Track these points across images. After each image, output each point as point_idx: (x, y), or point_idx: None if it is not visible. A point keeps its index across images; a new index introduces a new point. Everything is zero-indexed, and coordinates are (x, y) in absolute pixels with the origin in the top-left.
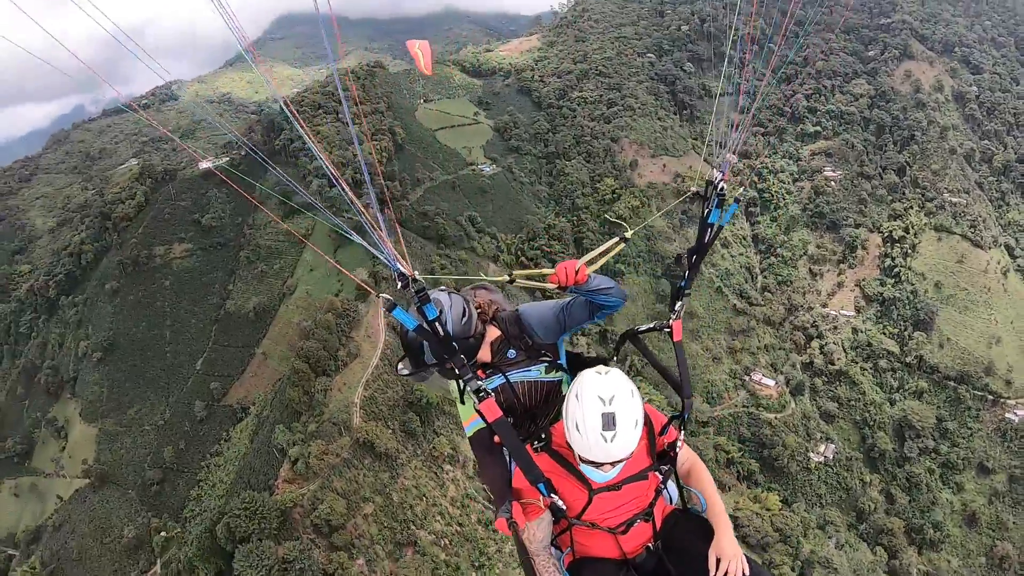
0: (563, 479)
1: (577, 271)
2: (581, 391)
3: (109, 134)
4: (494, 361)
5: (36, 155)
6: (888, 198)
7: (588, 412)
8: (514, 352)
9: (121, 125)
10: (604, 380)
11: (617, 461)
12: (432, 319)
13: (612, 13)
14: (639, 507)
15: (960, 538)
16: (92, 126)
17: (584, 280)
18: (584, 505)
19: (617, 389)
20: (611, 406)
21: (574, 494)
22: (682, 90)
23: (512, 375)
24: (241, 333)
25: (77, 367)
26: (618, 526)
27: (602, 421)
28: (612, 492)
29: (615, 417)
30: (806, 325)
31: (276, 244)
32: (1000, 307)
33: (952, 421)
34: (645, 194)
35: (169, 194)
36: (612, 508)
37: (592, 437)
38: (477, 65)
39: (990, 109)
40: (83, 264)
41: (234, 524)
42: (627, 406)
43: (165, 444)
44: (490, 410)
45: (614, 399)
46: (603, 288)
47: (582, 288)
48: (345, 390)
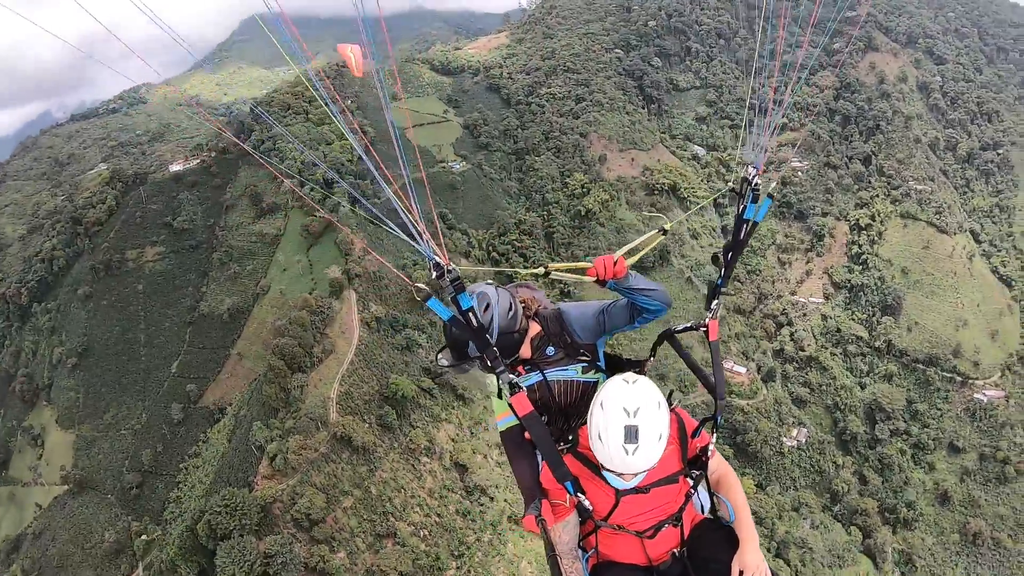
0: (589, 481)
1: (616, 263)
2: (606, 400)
3: (78, 139)
4: (534, 357)
5: (4, 162)
6: (854, 187)
7: (611, 423)
8: (553, 350)
9: (90, 130)
10: (630, 391)
11: (639, 472)
12: (466, 309)
13: (580, 9)
14: (668, 512)
15: (933, 516)
16: (60, 131)
17: (623, 273)
18: (611, 507)
19: (643, 401)
20: (635, 419)
21: (601, 496)
22: (649, 84)
23: (550, 373)
24: (215, 334)
25: (52, 374)
26: (646, 530)
27: (625, 434)
28: (640, 495)
29: (638, 431)
30: (776, 313)
31: (249, 245)
32: (966, 291)
33: (922, 403)
34: (614, 187)
35: (140, 198)
36: (640, 512)
37: (614, 449)
38: (446, 63)
39: (954, 98)
40: (55, 270)
41: (215, 521)
42: (652, 419)
43: (143, 448)
44: (521, 404)
45: (639, 411)
46: (644, 289)
47: (621, 284)
48: (321, 386)
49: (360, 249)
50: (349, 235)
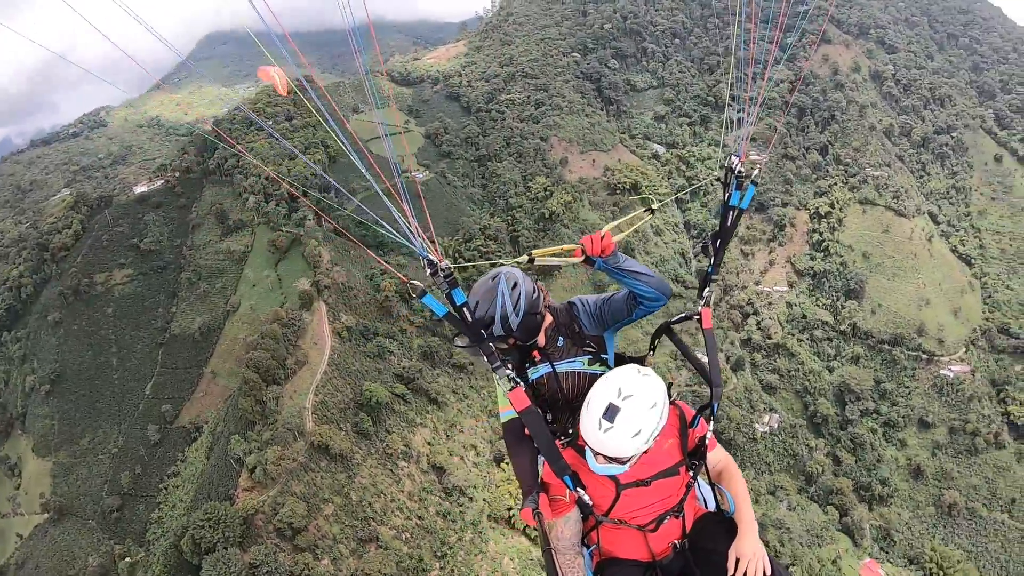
0: (590, 475)
1: (603, 237)
2: (612, 375)
3: (39, 165)
4: (547, 347)
5: None
6: (813, 176)
7: (601, 395)
8: (563, 340)
9: (51, 155)
10: (636, 379)
11: (610, 458)
12: (460, 304)
13: (536, 15)
14: (669, 504)
15: (908, 491)
16: (21, 158)
17: (611, 249)
18: (612, 502)
19: (639, 391)
20: (622, 401)
21: (602, 490)
22: (607, 86)
23: (559, 365)
24: (188, 354)
25: (25, 402)
26: (647, 523)
27: (605, 409)
28: (641, 488)
29: (618, 413)
30: (742, 303)
31: (217, 263)
32: (927, 271)
33: (890, 382)
34: (576, 189)
35: (106, 221)
36: (641, 506)
37: (592, 420)
38: (405, 74)
39: (907, 86)
40: (23, 298)
41: (198, 536)
42: (636, 411)
43: (121, 471)
44: (518, 399)
45: (630, 398)
46: (636, 271)
47: (610, 263)
48: (296, 397)
49: (328, 261)
50: (316, 248)
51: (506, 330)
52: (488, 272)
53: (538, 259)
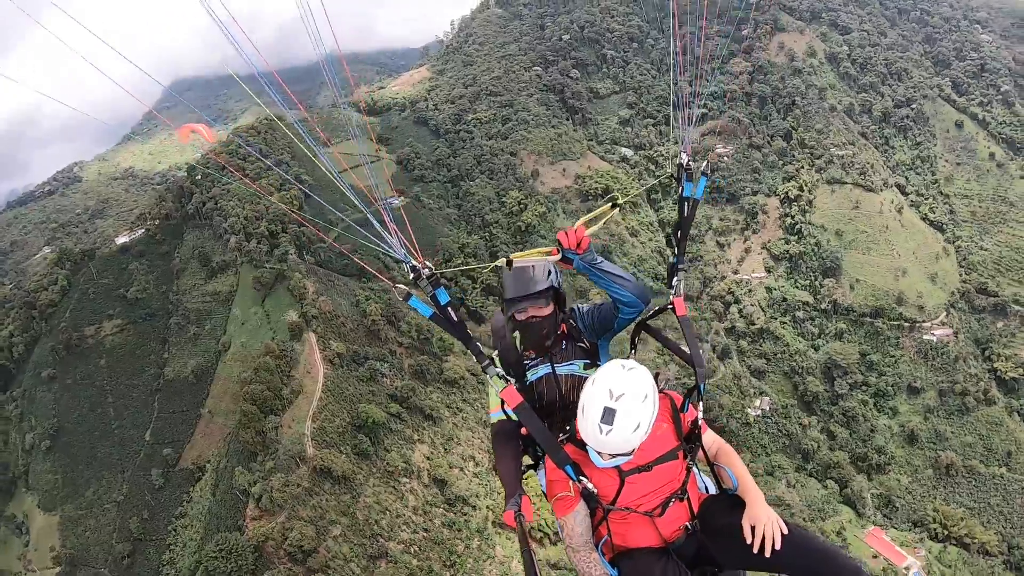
0: (589, 465)
1: (576, 230)
2: (598, 378)
3: (17, 225)
4: (551, 349)
5: None
6: (779, 163)
7: (594, 400)
8: (565, 344)
9: (28, 215)
10: (622, 376)
11: (615, 455)
12: (444, 304)
13: (495, 34)
14: (672, 488)
15: (905, 457)
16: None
17: (586, 243)
18: (617, 490)
19: (630, 388)
20: (616, 402)
21: (605, 480)
22: (571, 96)
23: (559, 368)
24: (184, 397)
25: (27, 460)
26: (654, 509)
27: (602, 414)
28: (644, 474)
29: (615, 415)
30: (722, 293)
31: (204, 305)
32: (900, 241)
33: (875, 353)
34: (550, 200)
35: (91, 274)
36: (646, 491)
37: (590, 425)
38: (372, 103)
39: (863, 64)
40: (15, 357)
41: (211, 567)
42: (632, 408)
43: (129, 517)
44: (511, 396)
45: (622, 397)
46: (613, 273)
47: (586, 260)
48: (295, 425)
49: (313, 292)
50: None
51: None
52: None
53: (517, 262)
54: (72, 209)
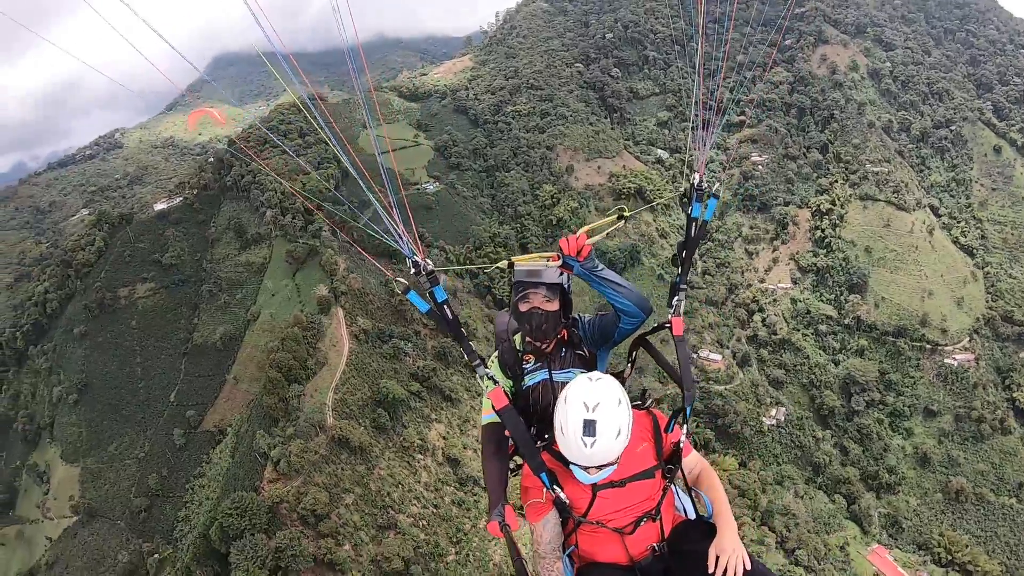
0: (565, 477)
1: (578, 237)
2: (569, 395)
3: (57, 187)
4: (551, 355)
5: None
6: (814, 175)
7: (571, 416)
8: (565, 351)
9: (68, 177)
10: (592, 387)
11: (601, 466)
12: (441, 302)
13: (539, 28)
14: (645, 507)
15: (915, 479)
16: (39, 180)
17: (587, 251)
18: (589, 503)
19: (603, 396)
20: (594, 413)
21: (578, 492)
22: (611, 95)
23: (557, 375)
24: (211, 362)
25: (53, 412)
26: (624, 526)
27: (583, 427)
28: (616, 489)
29: (596, 425)
30: (747, 301)
31: (236, 275)
32: (928, 263)
33: (895, 373)
34: (583, 196)
35: (127, 237)
36: (618, 507)
37: (573, 441)
38: (413, 89)
39: (904, 82)
40: (48, 312)
41: (226, 523)
42: (610, 415)
43: (148, 473)
44: (497, 398)
45: (598, 407)
46: (613, 280)
47: (587, 267)
48: (317, 395)
49: (344, 269)
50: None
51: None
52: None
53: (517, 264)
54: (112, 174)
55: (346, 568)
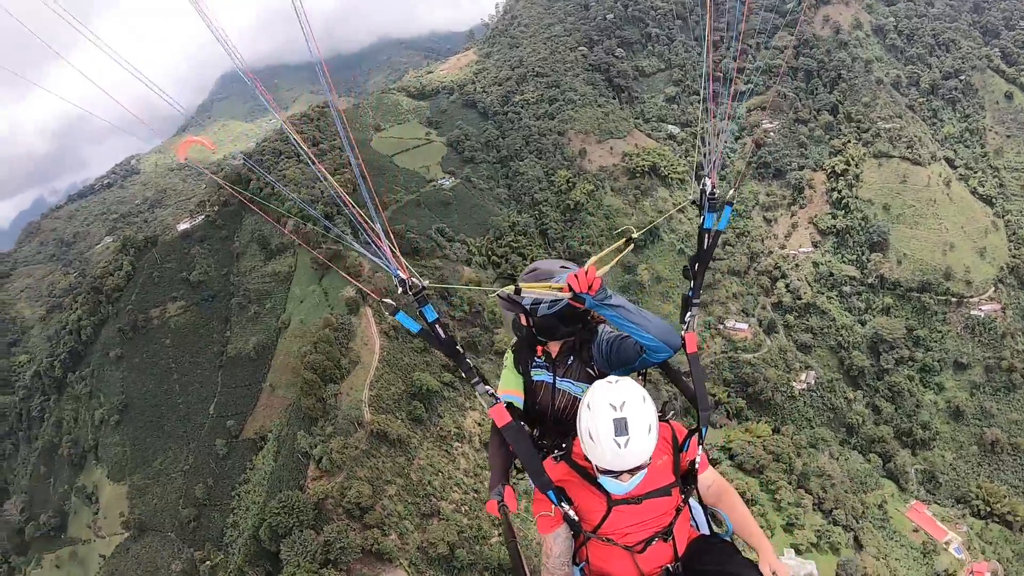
0: (581, 489)
1: (587, 272)
2: (592, 400)
3: (79, 218)
4: (556, 358)
5: (11, 251)
6: (826, 137)
7: (600, 419)
8: (572, 359)
9: (89, 207)
10: (614, 388)
11: (634, 469)
12: (432, 321)
13: (540, 15)
14: (659, 525)
15: (950, 433)
16: (60, 213)
17: (598, 284)
18: (602, 517)
19: (628, 395)
20: (623, 411)
21: (592, 505)
22: (617, 75)
23: (561, 382)
24: (246, 372)
25: (96, 434)
26: (635, 544)
27: (614, 427)
28: (632, 506)
29: (627, 422)
30: (769, 268)
31: (263, 286)
32: (948, 215)
33: (922, 328)
34: (597, 178)
35: (154, 259)
36: (631, 524)
37: (606, 444)
38: (421, 88)
39: (909, 35)
40: (83, 339)
41: (275, 522)
42: (639, 411)
43: (194, 484)
44: (499, 415)
45: (625, 404)
46: (636, 314)
47: (599, 299)
48: (353, 392)
49: (368, 269)
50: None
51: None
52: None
53: (524, 291)
54: (131, 200)
55: (393, 556)
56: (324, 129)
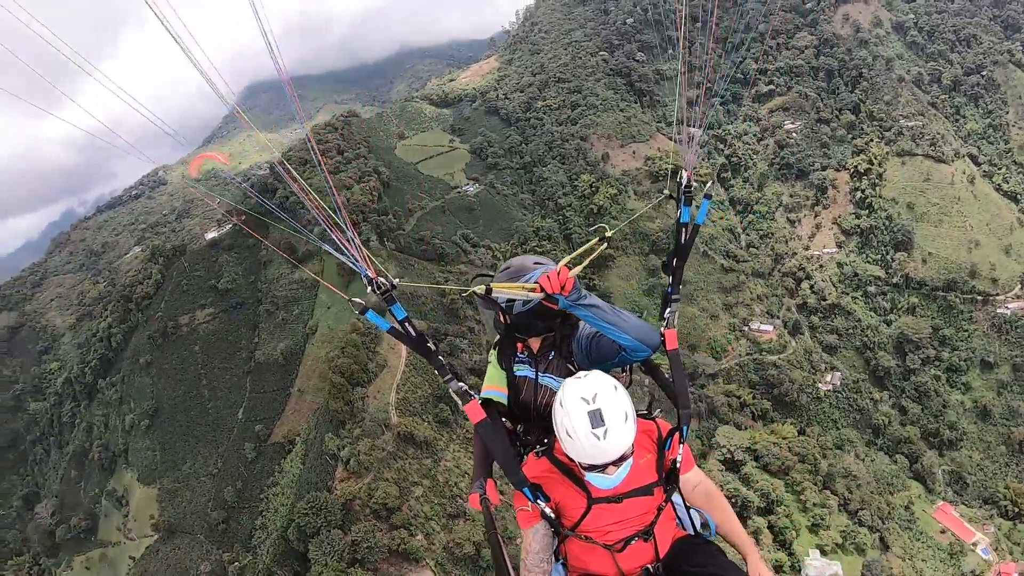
0: (560, 485)
1: (559, 273)
2: (564, 397)
3: (108, 228)
4: (537, 354)
5: (41, 260)
6: (848, 136)
7: (575, 414)
8: (553, 354)
9: (117, 218)
10: (584, 382)
11: (618, 460)
12: (401, 320)
13: (560, 21)
14: (640, 525)
15: (977, 433)
16: (89, 224)
17: (570, 285)
18: (581, 515)
19: (598, 387)
20: (596, 403)
21: (572, 502)
22: (638, 79)
23: (542, 377)
24: (274, 377)
25: (127, 439)
26: (615, 543)
27: (590, 420)
28: (612, 504)
29: (602, 413)
30: (794, 270)
31: (291, 293)
32: (973, 213)
33: (948, 327)
34: (620, 182)
35: (183, 268)
36: (611, 522)
37: (584, 438)
38: (444, 96)
39: (930, 32)
40: (113, 346)
41: (303, 523)
42: (612, 401)
43: (223, 488)
44: (474, 412)
45: (597, 396)
46: (610, 314)
47: (572, 300)
48: (380, 396)
49: (394, 275)
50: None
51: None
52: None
53: (496, 291)
54: (159, 210)
55: (420, 556)
56: (349, 137)
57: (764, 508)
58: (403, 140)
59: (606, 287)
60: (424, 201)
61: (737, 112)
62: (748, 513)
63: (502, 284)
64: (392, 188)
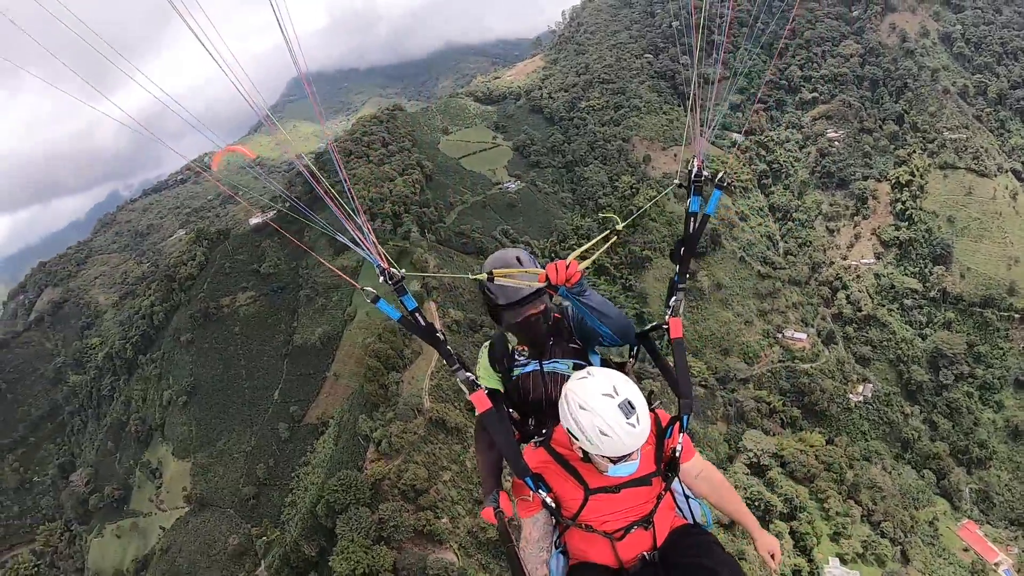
0: (559, 476)
1: (568, 266)
2: (584, 400)
3: (153, 211)
4: (537, 344)
5: (87, 239)
6: (891, 147)
7: (606, 411)
8: (553, 342)
9: (163, 201)
10: (597, 379)
11: (636, 449)
12: (412, 310)
13: (606, 22)
14: (638, 513)
15: (1007, 453)
16: (135, 206)
17: (577, 278)
18: (580, 505)
19: (612, 378)
20: (621, 394)
21: (571, 493)
22: (682, 82)
23: (547, 364)
24: (311, 361)
25: (164, 414)
26: (615, 531)
27: (622, 412)
28: (610, 495)
29: (630, 401)
30: (830, 279)
31: (332, 280)
32: (1013, 229)
33: (983, 344)
34: (661, 184)
35: (226, 251)
36: (610, 511)
37: (622, 431)
38: (488, 93)
39: (977, 44)
40: (155, 324)
41: (332, 499)
42: (630, 387)
43: (256, 465)
44: (480, 401)
45: (617, 387)
46: (599, 308)
47: (573, 292)
48: (414, 381)
49: (434, 266)
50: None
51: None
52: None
53: (497, 278)
54: (204, 196)
55: (444, 538)
56: (393, 131)
57: (787, 514)
58: (447, 135)
59: (642, 288)
60: (466, 196)
61: (780, 119)
62: (770, 517)
63: (504, 271)
64: (435, 181)
